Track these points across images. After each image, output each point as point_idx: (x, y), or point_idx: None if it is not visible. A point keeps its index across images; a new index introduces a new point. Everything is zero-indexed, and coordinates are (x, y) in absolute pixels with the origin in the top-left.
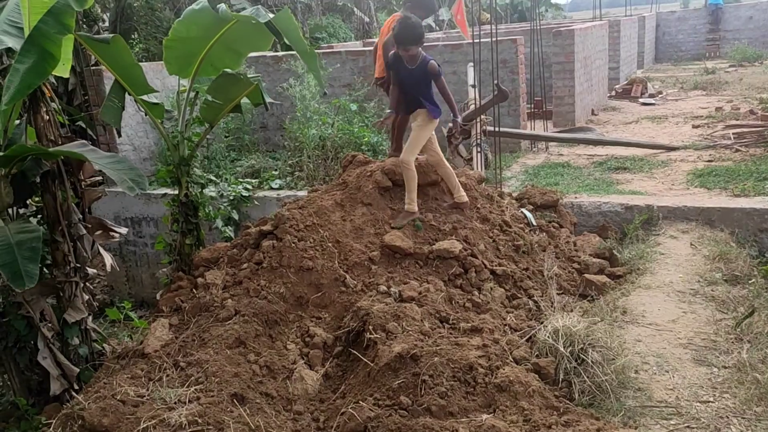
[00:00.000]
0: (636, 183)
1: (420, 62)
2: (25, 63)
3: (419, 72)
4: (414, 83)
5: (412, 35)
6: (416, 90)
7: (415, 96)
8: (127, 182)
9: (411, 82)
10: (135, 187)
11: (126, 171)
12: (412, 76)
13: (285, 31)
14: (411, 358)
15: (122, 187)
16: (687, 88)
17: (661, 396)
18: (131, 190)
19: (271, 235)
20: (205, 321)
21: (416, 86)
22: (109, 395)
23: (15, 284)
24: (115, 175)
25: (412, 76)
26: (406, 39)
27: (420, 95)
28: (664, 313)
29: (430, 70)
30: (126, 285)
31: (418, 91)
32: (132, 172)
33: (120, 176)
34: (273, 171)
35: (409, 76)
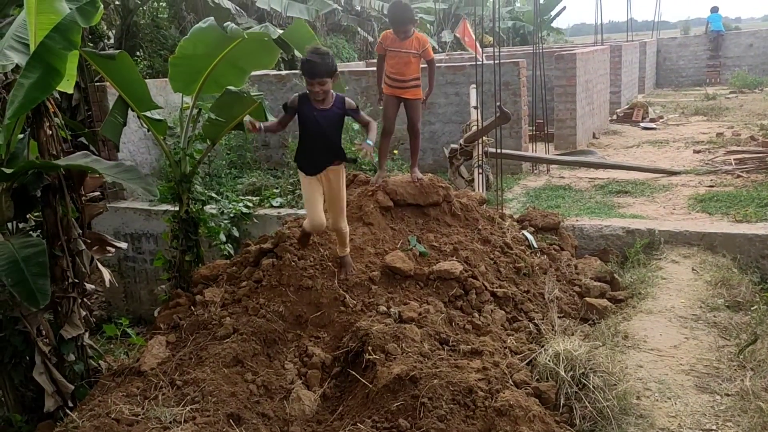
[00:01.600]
0: (637, 207)
1: (335, 100)
2: (30, 78)
3: (334, 114)
4: (330, 128)
5: (407, 14)
6: (334, 137)
7: (333, 144)
8: (139, 190)
9: (326, 125)
10: (149, 193)
11: (136, 180)
12: (327, 119)
13: (298, 44)
14: (410, 380)
15: (138, 194)
16: (688, 114)
17: (663, 423)
18: (146, 196)
19: (271, 253)
20: (202, 339)
21: (333, 132)
22: (104, 413)
23: (29, 303)
24: (126, 185)
25: (327, 119)
26: (402, 18)
27: (337, 142)
28: (666, 338)
29: (349, 107)
30: (124, 301)
31: (336, 137)
32: (142, 181)
33: (130, 186)
34: (274, 189)
35: (324, 120)
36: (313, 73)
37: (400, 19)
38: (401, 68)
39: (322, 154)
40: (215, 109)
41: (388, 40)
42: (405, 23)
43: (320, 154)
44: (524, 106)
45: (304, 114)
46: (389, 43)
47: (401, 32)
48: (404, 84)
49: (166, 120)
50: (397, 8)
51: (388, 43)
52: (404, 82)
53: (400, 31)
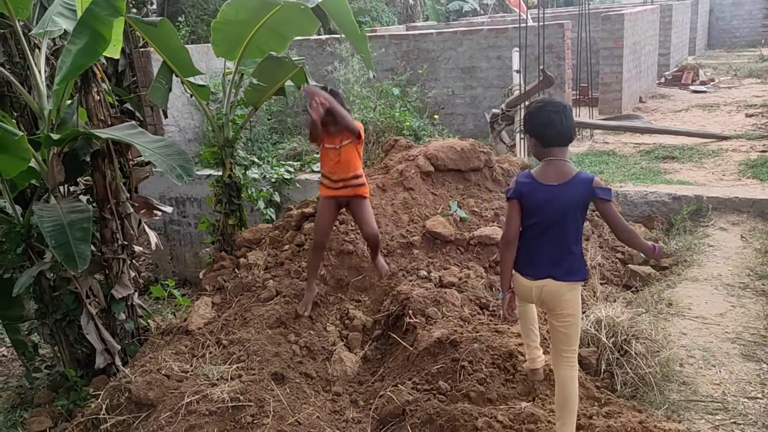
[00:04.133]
0: (684, 173)
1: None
2: (77, 44)
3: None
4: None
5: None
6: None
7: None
8: (176, 170)
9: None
10: (183, 174)
11: (174, 157)
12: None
13: (334, 14)
14: (450, 343)
15: (171, 176)
16: (741, 76)
17: (706, 390)
18: (179, 178)
19: (313, 217)
20: (246, 300)
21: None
22: (155, 369)
23: (69, 266)
24: (163, 163)
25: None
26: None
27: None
28: (712, 306)
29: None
30: (170, 263)
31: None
32: (180, 158)
33: (169, 164)
34: (315, 154)
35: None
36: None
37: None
38: (336, 167)
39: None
40: (257, 74)
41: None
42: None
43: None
44: (568, 69)
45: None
46: (324, 139)
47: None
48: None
49: (209, 85)
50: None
51: (323, 138)
52: (339, 182)
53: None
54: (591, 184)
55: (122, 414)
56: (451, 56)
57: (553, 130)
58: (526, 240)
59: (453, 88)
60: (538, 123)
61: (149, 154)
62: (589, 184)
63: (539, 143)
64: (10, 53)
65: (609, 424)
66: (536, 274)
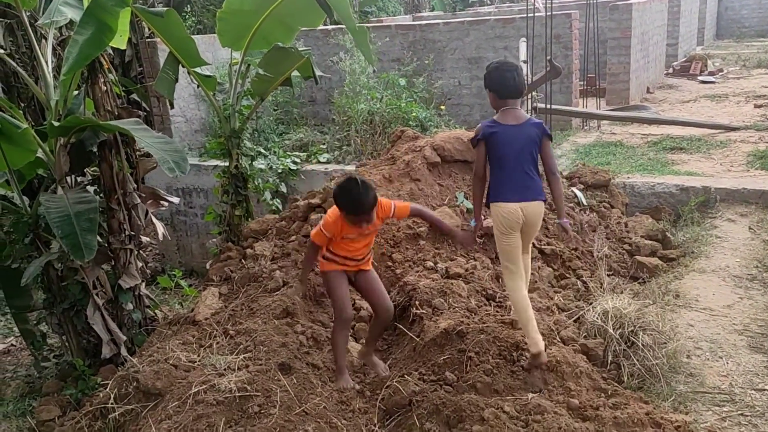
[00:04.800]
0: (693, 164)
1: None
2: (84, 34)
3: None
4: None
5: (371, 195)
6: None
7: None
8: (169, 163)
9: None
10: (175, 169)
11: (170, 153)
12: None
13: (336, 7)
14: (457, 334)
15: (163, 167)
16: (750, 66)
17: (713, 382)
18: (171, 171)
19: (320, 208)
20: (253, 291)
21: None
22: (162, 359)
23: (75, 256)
24: (158, 154)
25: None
26: (368, 203)
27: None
28: (719, 298)
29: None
30: (176, 254)
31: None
32: (176, 154)
33: (163, 156)
34: (321, 145)
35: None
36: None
37: (366, 206)
38: (358, 250)
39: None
40: (263, 64)
41: (338, 227)
42: (371, 208)
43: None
44: (575, 59)
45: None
46: (343, 231)
47: (365, 220)
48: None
49: (215, 76)
50: (357, 192)
51: (341, 230)
52: (359, 260)
53: (363, 219)
54: (541, 126)
55: (130, 403)
56: (457, 46)
57: (507, 85)
58: (501, 174)
59: (459, 78)
60: (496, 80)
61: (146, 145)
62: (540, 126)
63: (496, 96)
64: (17, 43)
65: (616, 415)
66: (519, 198)
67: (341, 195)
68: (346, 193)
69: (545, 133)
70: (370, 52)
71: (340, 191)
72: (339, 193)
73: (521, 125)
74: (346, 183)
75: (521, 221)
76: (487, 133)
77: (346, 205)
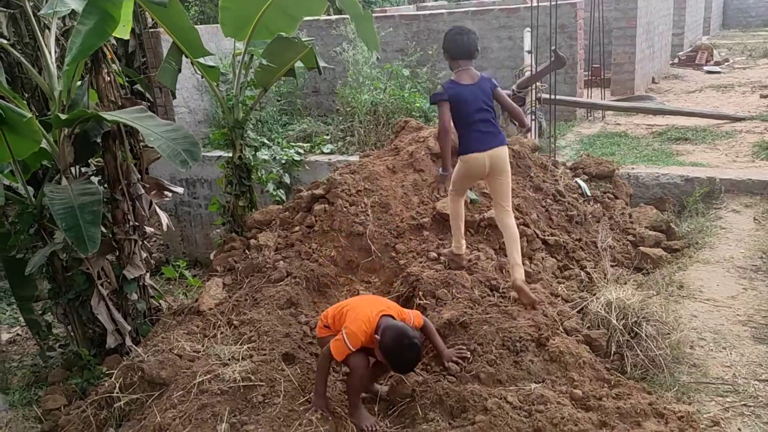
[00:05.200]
0: (697, 154)
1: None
2: (87, 24)
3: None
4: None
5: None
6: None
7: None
8: (181, 155)
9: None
10: (188, 160)
11: (180, 141)
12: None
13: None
14: (460, 325)
15: (174, 162)
16: (756, 56)
17: (717, 373)
18: (184, 164)
19: (323, 199)
20: (257, 281)
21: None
22: (167, 349)
23: (79, 248)
24: (168, 149)
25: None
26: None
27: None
28: (723, 288)
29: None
30: (181, 244)
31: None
32: (186, 142)
33: (174, 149)
34: (324, 135)
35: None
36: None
37: (414, 367)
38: None
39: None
40: (267, 54)
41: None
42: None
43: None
44: (580, 49)
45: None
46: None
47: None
48: None
49: (218, 66)
50: (414, 356)
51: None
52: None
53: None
54: (490, 80)
55: (135, 392)
56: None
57: (459, 47)
58: (467, 128)
59: None
60: (449, 43)
61: (154, 139)
62: (490, 80)
63: (450, 57)
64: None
65: (619, 406)
66: (484, 147)
67: (401, 353)
68: (407, 356)
69: (495, 86)
70: (375, 39)
71: (400, 347)
72: (399, 349)
73: (476, 83)
74: (406, 341)
75: (486, 169)
76: (450, 93)
77: (400, 365)
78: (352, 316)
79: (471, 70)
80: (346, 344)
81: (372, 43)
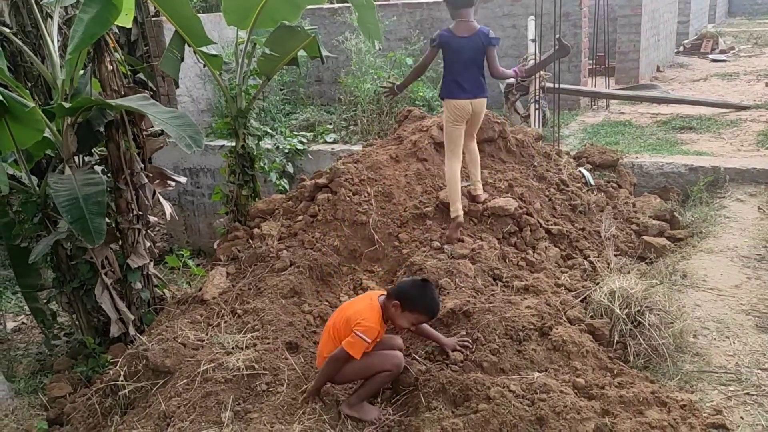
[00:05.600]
0: (702, 143)
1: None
2: (89, 13)
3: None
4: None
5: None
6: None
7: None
8: (185, 139)
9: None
10: (192, 144)
11: (184, 128)
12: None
13: None
14: (464, 314)
15: (180, 144)
16: (761, 44)
17: (720, 362)
18: (188, 147)
19: (326, 188)
20: (261, 271)
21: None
22: (171, 338)
23: (86, 239)
24: (173, 132)
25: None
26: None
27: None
28: (727, 278)
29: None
30: (184, 234)
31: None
32: (190, 129)
33: (179, 133)
34: (328, 125)
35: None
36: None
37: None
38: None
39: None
40: (270, 43)
41: (379, 331)
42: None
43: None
44: (585, 38)
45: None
46: (381, 334)
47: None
48: None
49: (221, 55)
50: (435, 295)
51: (380, 334)
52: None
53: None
54: (487, 36)
55: (140, 380)
56: None
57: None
58: (454, 75)
59: None
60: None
61: (159, 123)
62: (486, 36)
63: (451, 7)
64: (23, 22)
65: (621, 394)
66: (467, 96)
67: (425, 296)
68: (431, 296)
69: (489, 43)
70: (377, 28)
71: (423, 291)
72: (422, 293)
73: (472, 36)
74: (427, 284)
75: (469, 114)
76: (441, 41)
77: (430, 309)
78: (356, 316)
79: (470, 23)
80: (362, 339)
81: (374, 32)
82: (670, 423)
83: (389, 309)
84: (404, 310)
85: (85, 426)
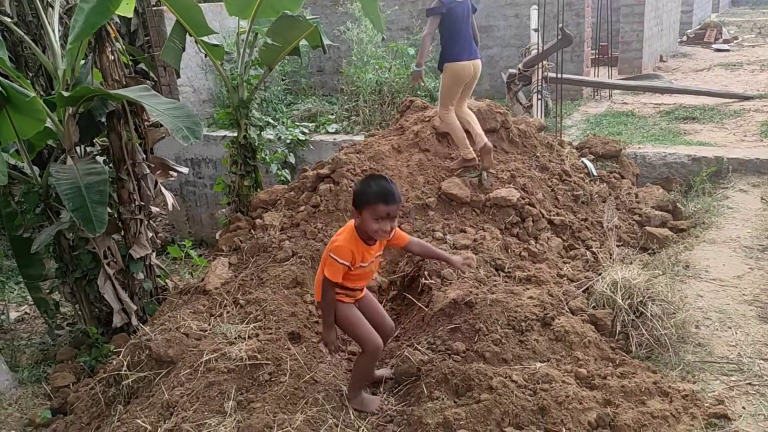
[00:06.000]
0: (705, 134)
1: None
2: (90, 2)
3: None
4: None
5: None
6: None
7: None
8: (183, 131)
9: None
10: (190, 136)
11: (183, 119)
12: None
13: None
14: (466, 304)
15: (177, 136)
16: (765, 34)
17: (722, 352)
18: (185, 139)
19: (328, 178)
20: (263, 261)
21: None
22: (174, 328)
23: (87, 228)
24: (170, 123)
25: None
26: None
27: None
28: (729, 268)
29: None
30: (186, 224)
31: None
32: (189, 120)
33: (176, 124)
34: (329, 115)
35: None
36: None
37: (396, 193)
38: (370, 275)
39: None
40: (271, 33)
41: (353, 252)
42: (399, 198)
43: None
44: (588, 27)
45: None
46: (357, 257)
47: (393, 213)
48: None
49: (223, 45)
50: (385, 181)
51: (355, 257)
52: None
53: (393, 210)
54: (471, 1)
55: (143, 370)
56: None
57: None
58: (456, 40)
59: None
60: None
61: (157, 114)
62: (470, 1)
63: None
64: (23, 12)
65: (623, 384)
66: (470, 57)
67: (370, 186)
68: (375, 183)
69: (475, 9)
70: (379, 19)
71: (367, 183)
72: (366, 185)
73: (463, 1)
74: (370, 177)
75: (470, 77)
76: (445, 8)
77: (377, 194)
78: (331, 241)
79: None
80: (335, 260)
81: (376, 23)
82: (671, 413)
83: (357, 223)
84: (361, 211)
85: (88, 415)
